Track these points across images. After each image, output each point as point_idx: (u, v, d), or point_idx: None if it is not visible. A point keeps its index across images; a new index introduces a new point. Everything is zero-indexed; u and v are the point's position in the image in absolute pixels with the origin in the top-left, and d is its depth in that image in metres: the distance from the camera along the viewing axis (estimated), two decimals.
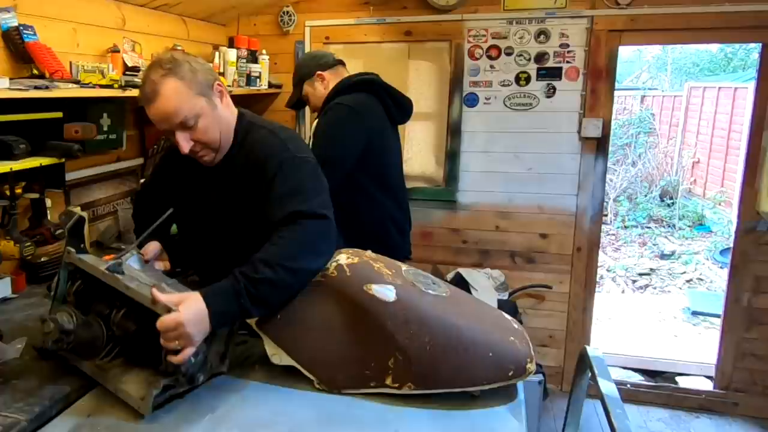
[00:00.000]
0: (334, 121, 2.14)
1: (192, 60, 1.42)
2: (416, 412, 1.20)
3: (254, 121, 1.53)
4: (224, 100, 1.46)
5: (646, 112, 9.51)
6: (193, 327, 1.13)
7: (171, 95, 1.34)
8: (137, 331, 1.23)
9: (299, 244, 1.27)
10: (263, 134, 1.47)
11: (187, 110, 1.36)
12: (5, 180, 1.75)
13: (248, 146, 1.47)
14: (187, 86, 1.36)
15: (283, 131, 1.51)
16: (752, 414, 3.01)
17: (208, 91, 1.41)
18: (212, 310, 1.16)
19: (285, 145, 1.43)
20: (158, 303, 1.14)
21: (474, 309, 1.36)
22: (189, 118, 1.37)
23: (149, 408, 1.14)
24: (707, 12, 2.70)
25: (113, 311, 1.26)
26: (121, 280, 1.20)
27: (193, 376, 1.20)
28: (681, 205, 7.77)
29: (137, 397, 1.17)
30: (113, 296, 1.24)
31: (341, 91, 2.25)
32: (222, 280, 1.22)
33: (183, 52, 1.59)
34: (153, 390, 1.15)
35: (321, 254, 1.31)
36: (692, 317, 4.68)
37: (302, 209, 1.29)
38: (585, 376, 1.38)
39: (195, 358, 1.16)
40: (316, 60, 2.35)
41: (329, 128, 2.14)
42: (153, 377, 1.19)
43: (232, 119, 1.49)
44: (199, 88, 1.38)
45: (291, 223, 1.28)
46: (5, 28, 1.76)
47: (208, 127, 1.41)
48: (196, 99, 1.37)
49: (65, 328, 1.20)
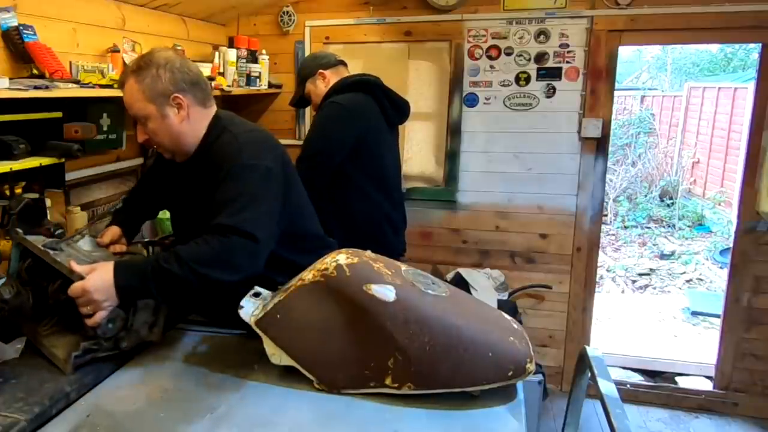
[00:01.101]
0: (326, 117, 2.24)
1: (170, 66, 1.46)
2: (416, 412, 1.20)
3: (227, 125, 1.55)
4: (181, 113, 1.49)
5: (646, 112, 9.51)
6: (98, 294, 1.27)
7: (127, 92, 1.49)
8: (66, 300, 1.35)
9: (215, 254, 1.31)
10: (226, 139, 1.50)
11: (136, 109, 1.49)
12: (5, 180, 1.75)
13: (213, 149, 1.52)
14: (140, 90, 1.46)
15: (245, 135, 1.51)
16: (752, 414, 3.01)
17: (162, 101, 1.47)
18: (117, 283, 1.29)
19: (240, 151, 1.45)
20: (74, 272, 1.29)
21: (474, 309, 1.36)
22: (138, 116, 1.50)
23: (70, 367, 1.29)
24: (707, 12, 2.70)
25: (50, 283, 1.42)
26: (51, 255, 1.35)
27: (116, 341, 1.34)
28: (681, 205, 7.78)
29: (62, 358, 1.31)
30: (52, 271, 1.39)
31: (338, 90, 2.30)
32: (140, 259, 1.36)
33: (177, 53, 1.60)
34: (73, 352, 1.29)
35: (235, 269, 1.33)
36: (692, 317, 4.68)
37: (232, 224, 1.32)
38: (585, 376, 1.38)
39: (113, 324, 1.30)
40: (318, 60, 2.41)
41: (320, 124, 2.25)
42: (77, 340, 1.33)
43: (191, 129, 1.52)
44: (151, 95, 1.46)
45: (218, 232, 1.33)
46: (5, 28, 1.76)
47: (155, 131, 1.50)
48: (145, 103, 1.47)
49: (3, 297, 1.38)
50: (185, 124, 1.50)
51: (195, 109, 1.51)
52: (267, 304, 1.34)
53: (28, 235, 1.47)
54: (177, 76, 1.47)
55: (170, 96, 1.46)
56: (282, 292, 1.34)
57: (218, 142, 1.51)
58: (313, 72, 2.37)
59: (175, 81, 1.46)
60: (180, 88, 1.47)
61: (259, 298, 1.39)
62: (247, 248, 1.33)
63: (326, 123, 2.23)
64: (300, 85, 2.42)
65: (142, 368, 1.38)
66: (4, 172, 1.66)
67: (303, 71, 2.41)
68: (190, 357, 1.44)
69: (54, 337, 1.41)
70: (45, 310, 1.46)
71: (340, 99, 2.24)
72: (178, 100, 1.47)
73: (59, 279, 1.41)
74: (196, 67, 1.56)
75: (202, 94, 1.53)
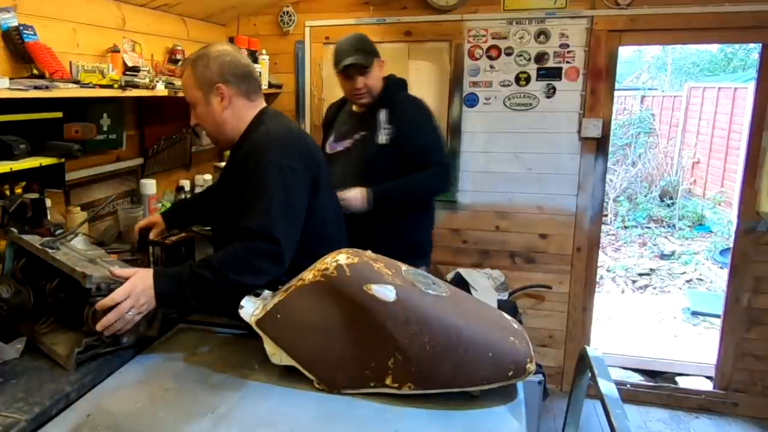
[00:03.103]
0: (429, 117, 2.30)
1: (220, 59, 1.60)
2: (416, 412, 1.20)
3: (266, 120, 1.64)
4: (224, 102, 1.60)
5: (646, 112, 9.51)
6: (143, 297, 1.33)
7: (183, 78, 1.65)
8: (66, 297, 1.41)
9: (241, 259, 1.41)
10: (260, 132, 1.59)
11: (188, 95, 1.64)
12: (5, 180, 1.75)
13: (248, 141, 1.61)
14: (193, 77, 1.60)
15: (278, 133, 1.59)
16: (752, 414, 3.01)
17: (208, 89, 1.59)
18: (157, 291, 1.35)
19: (268, 146, 1.53)
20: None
21: (474, 309, 1.36)
22: (190, 101, 1.65)
23: (72, 363, 1.29)
24: (707, 12, 2.70)
25: (47, 282, 1.43)
26: (50, 253, 1.36)
27: (117, 337, 1.35)
28: (681, 206, 7.78)
29: (63, 355, 1.32)
30: (50, 270, 1.40)
31: (404, 87, 2.37)
32: (176, 267, 1.43)
33: (233, 47, 1.75)
34: (75, 348, 1.30)
35: (259, 273, 1.42)
36: (692, 317, 4.68)
37: (255, 228, 1.42)
38: (585, 376, 1.38)
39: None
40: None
41: (432, 126, 2.30)
42: (78, 337, 1.34)
43: (233, 119, 1.63)
44: (200, 83, 1.60)
45: (243, 236, 1.42)
46: (5, 28, 1.76)
47: (201, 116, 1.64)
48: (194, 90, 1.61)
49: (1, 297, 1.38)
50: (227, 113, 1.62)
51: (238, 100, 1.62)
52: (267, 304, 1.34)
53: (23, 234, 1.49)
54: (224, 69, 1.59)
55: (215, 85, 1.59)
56: (282, 292, 1.34)
57: (253, 135, 1.61)
58: (378, 55, 2.27)
59: (222, 72, 1.59)
60: (225, 79, 1.59)
61: (260, 298, 1.39)
62: (269, 252, 1.42)
63: (433, 123, 2.30)
64: (369, 56, 2.21)
65: (142, 368, 1.38)
66: (4, 172, 1.67)
67: (372, 48, 2.26)
68: (191, 357, 1.44)
69: (53, 335, 1.41)
70: (43, 309, 1.46)
71: (419, 97, 2.34)
72: (221, 90, 1.59)
73: (57, 277, 1.41)
74: (248, 62, 1.69)
75: (248, 87, 1.64)
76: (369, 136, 2.24)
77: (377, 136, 2.21)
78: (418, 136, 2.21)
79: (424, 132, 2.25)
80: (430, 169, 2.20)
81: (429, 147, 2.24)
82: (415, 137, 2.20)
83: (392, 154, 2.18)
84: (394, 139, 2.19)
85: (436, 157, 2.24)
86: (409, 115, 2.24)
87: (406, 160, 2.18)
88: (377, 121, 2.22)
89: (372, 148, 2.21)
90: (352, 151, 2.28)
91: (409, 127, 2.20)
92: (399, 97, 2.30)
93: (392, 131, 2.20)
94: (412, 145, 2.19)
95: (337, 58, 2.22)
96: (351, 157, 2.27)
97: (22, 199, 1.74)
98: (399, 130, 2.19)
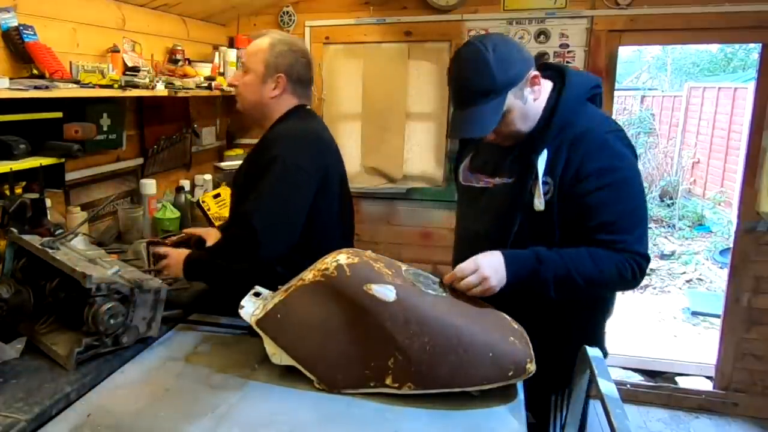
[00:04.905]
0: (629, 162, 1.40)
1: (297, 57, 1.70)
2: (416, 411, 1.20)
3: (293, 116, 1.72)
4: (276, 90, 1.69)
5: (646, 112, 9.51)
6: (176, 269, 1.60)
7: (258, 43, 1.70)
8: (66, 297, 1.42)
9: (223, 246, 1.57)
10: (282, 127, 1.69)
11: (251, 61, 1.70)
12: (5, 180, 1.75)
13: (271, 132, 1.70)
14: (267, 51, 1.67)
15: (296, 129, 1.67)
16: (752, 414, 3.01)
17: (272, 71, 1.68)
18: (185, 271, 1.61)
19: (281, 140, 1.62)
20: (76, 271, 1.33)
21: (474, 309, 1.36)
22: (245, 64, 1.72)
23: (72, 363, 1.30)
24: (707, 12, 2.70)
25: (47, 282, 1.44)
26: (50, 253, 1.37)
27: (117, 337, 1.36)
28: (681, 206, 7.77)
29: (63, 355, 1.32)
30: (50, 270, 1.41)
31: (593, 97, 1.49)
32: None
33: (310, 56, 1.81)
34: (75, 348, 1.30)
35: (234, 257, 1.53)
36: (692, 317, 4.69)
37: (239, 213, 1.55)
38: (585, 376, 1.38)
39: (114, 320, 1.33)
40: (520, 51, 1.38)
41: (632, 175, 1.40)
42: (78, 337, 1.34)
43: (273, 105, 1.71)
44: (268, 61, 1.67)
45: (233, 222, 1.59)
46: (5, 28, 1.76)
47: (245, 83, 1.71)
48: (260, 63, 1.68)
49: (1, 296, 1.38)
50: (272, 100, 1.71)
51: (287, 97, 1.72)
52: (267, 303, 1.34)
53: (23, 234, 1.49)
54: (296, 68, 1.70)
55: (279, 74, 1.68)
56: (282, 292, 1.34)
57: (277, 127, 1.70)
58: (521, 75, 1.36)
59: (292, 69, 1.69)
60: (290, 75, 1.69)
61: (260, 298, 1.39)
62: (243, 239, 1.49)
63: (634, 181, 1.43)
64: (493, 97, 1.35)
65: (142, 367, 1.38)
66: (4, 172, 1.67)
67: (503, 77, 1.33)
68: (191, 356, 1.44)
69: (53, 335, 1.42)
70: (43, 309, 1.46)
71: (619, 125, 1.50)
72: (281, 81, 1.68)
73: (57, 277, 1.42)
74: (312, 70, 1.78)
75: (302, 93, 1.75)
76: (517, 187, 1.44)
77: (530, 196, 1.40)
78: (606, 204, 1.35)
79: (614, 198, 1.35)
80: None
81: (619, 222, 1.36)
82: (599, 206, 1.35)
83: (551, 221, 1.40)
84: (556, 201, 1.38)
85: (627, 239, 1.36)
86: (594, 167, 1.35)
87: (572, 227, 1.40)
88: (531, 168, 1.40)
89: (518, 210, 1.43)
90: (497, 195, 1.51)
91: (588, 186, 1.35)
92: (577, 126, 1.38)
93: (553, 188, 1.38)
94: (588, 215, 1.36)
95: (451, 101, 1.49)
96: (493, 201, 1.52)
97: (22, 199, 1.75)
98: (566, 187, 1.37)
